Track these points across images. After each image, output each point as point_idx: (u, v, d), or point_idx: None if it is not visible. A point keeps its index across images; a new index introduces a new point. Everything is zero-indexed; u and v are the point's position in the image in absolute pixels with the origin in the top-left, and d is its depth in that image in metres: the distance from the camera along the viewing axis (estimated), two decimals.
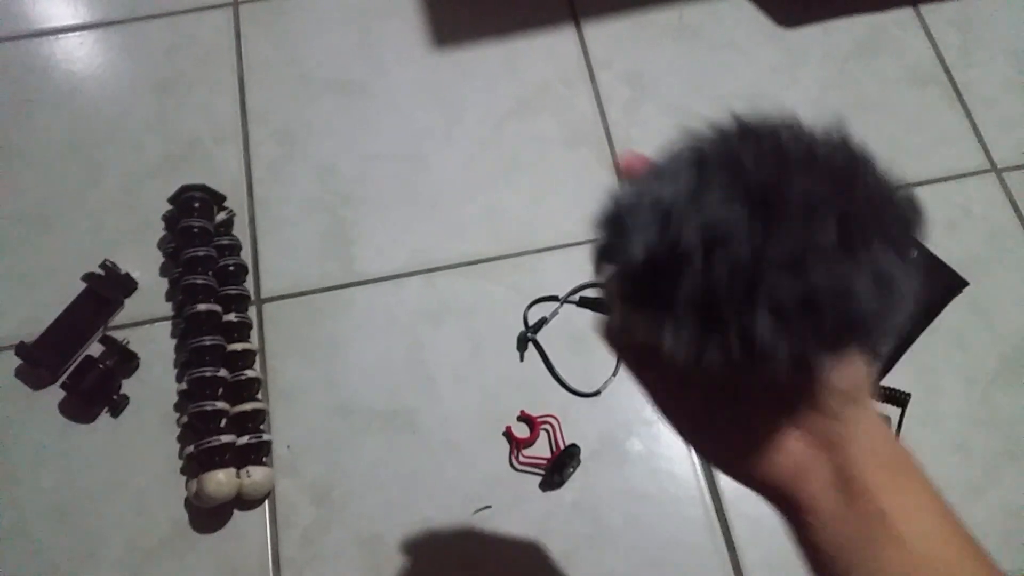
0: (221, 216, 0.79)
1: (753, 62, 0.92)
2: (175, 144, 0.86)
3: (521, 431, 0.72)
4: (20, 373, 0.75)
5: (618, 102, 0.90)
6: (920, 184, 0.85)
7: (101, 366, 0.72)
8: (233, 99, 0.89)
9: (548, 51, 0.93)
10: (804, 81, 0.91)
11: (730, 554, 0.69)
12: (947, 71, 0.92)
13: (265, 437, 0.70)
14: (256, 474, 0.68)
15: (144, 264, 0.80)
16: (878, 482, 0.31)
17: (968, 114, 0.89)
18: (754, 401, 0.33)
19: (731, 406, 0.34)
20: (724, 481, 0.71)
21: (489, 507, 0.70)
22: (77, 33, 0.93)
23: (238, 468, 0.68)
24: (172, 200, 0.78)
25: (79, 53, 0.91)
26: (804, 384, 0.31)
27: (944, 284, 0.78)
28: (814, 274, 0.25)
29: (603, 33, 0.94)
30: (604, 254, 0.29)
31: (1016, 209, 0.83)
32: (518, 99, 0.90)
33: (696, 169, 0.26)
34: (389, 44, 0.93)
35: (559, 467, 0.69)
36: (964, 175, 0.86)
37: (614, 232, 0.28)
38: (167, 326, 0.77)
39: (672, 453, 0.72)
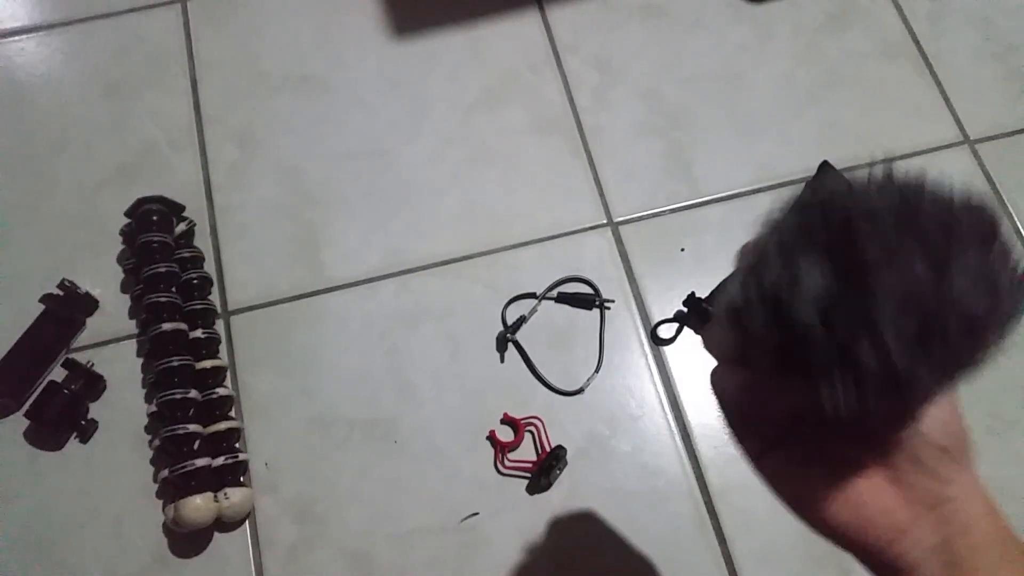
0: (181, 227, 0.76)
1: (722, 40, 0.90)
2: (129, 152, 0.82)
3: (505, 434, 0.71)
4: None
5: (587, 87, 0.88)
6: (893, 159, 0.84)
7: (66, 391, 0.69)
8: (187, 101, 0.85)
9: (513, 37, 0.90)
10: (773, 57, 0.90)
11: (721, 547, 0.68)
12: (917, 42, 0.90)
13: (241, 456, 0.68)
14: (234, 495, 0.66)
15: (104, 281, 0.77)
16: (979, 554, 0.30)
17: (939, 85, 0.88)
18: (850, 453, 0.32)
19: (826, 463, 0.33)
20: (713, 474, 0.70)
21: (477, 514, 0.69)
22: (17, 38, 0.88)
23: (215, 491, 0.66)
24: (129, 214, 0.75)
25: (20, 60, 0.87)
26: (898, 432, 0.30)
27: None
28: (922, 301, 0.26)
29: (568, 16, 0.91)
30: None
31: (991, 181, 0.83)
32: (484, 88, 0.87)
33: (781, 251, 0.28)
34: (348, 35, 0.89)
35: (546, 469, 0.68)
36: (937, 148, 0.85)
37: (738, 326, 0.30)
38: (132, 344, 0.74)
39: (659, 449, 0.71)
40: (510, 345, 0.75)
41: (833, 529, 0.32)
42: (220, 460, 0.67)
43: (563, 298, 0.76)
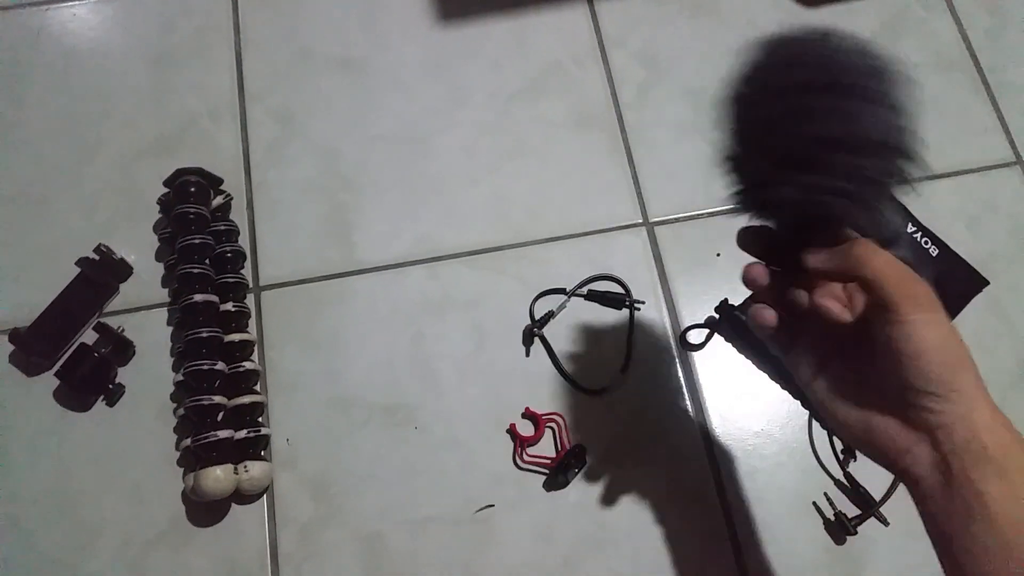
0: (218, 200, 0.76)
1: None
2: (171, 123, 0.83)
3: (525, 429, 0.71)
4: (14, 359, 0.73)
5: (631, 83, 0.87)
6: (941, 176, 0.82)
7: (96, 354, 0.70)
8: (230, 76, 0.86)
9: (558, 28, 0.89)
10: None
11: (735, 557, 0.67)
12: (973, 55, 0.88)
13: (264, 431, 0.69)
14: (254, 469, 0.66)
15: (139, 248, 0.78)
16: (975, 468, 0.37)
17: (994, 102, 0.86)
18: (868, 397, 0.42)
19: (851, 397, 0.43)
20: (733, 484, 0.69)
21: (492, 506, 0.69)
22: (71, 3, 0.89)
23: (236, 463, 0.66)
24: (168, 183, 0.75)
25: (72, 26, 0.88)
26: (897, 385, 0.39)
27: (963, 283, 0.76)
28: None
29: (617, 9, 0.90)
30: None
31: None
32: (526, 79, 0.87)
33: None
34: (393, 18, 0.89)
35: (564, 467, 0.68)
36: (988, 167, 0.83)
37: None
38: (163, 312, 0.75)
39: (679, 454, 0.71)
40: (536, 340, 0.74)
41: (857, 445, 0.43)
42: (242, 433, 0.67)
43: (593, 296, 0.76)
